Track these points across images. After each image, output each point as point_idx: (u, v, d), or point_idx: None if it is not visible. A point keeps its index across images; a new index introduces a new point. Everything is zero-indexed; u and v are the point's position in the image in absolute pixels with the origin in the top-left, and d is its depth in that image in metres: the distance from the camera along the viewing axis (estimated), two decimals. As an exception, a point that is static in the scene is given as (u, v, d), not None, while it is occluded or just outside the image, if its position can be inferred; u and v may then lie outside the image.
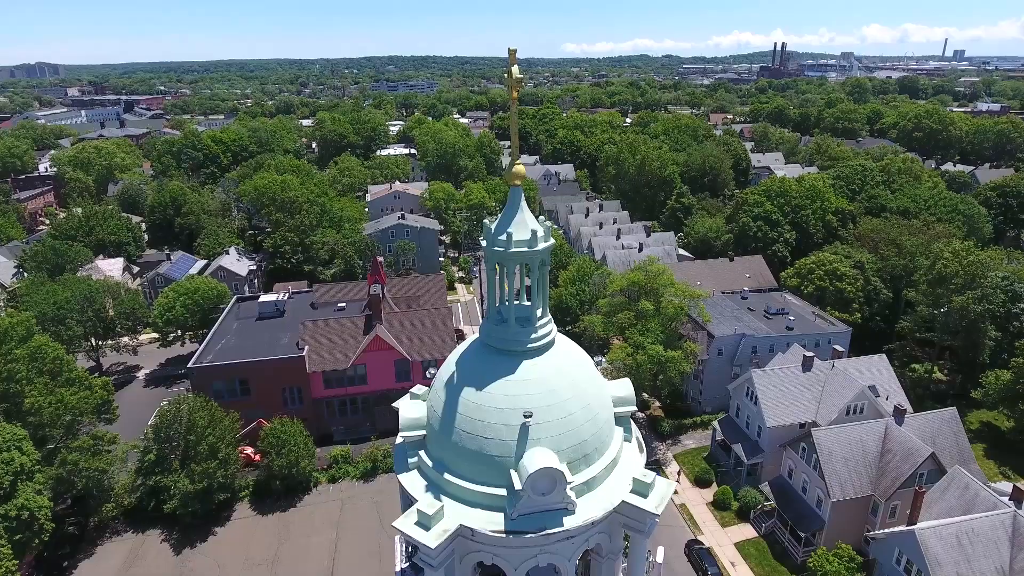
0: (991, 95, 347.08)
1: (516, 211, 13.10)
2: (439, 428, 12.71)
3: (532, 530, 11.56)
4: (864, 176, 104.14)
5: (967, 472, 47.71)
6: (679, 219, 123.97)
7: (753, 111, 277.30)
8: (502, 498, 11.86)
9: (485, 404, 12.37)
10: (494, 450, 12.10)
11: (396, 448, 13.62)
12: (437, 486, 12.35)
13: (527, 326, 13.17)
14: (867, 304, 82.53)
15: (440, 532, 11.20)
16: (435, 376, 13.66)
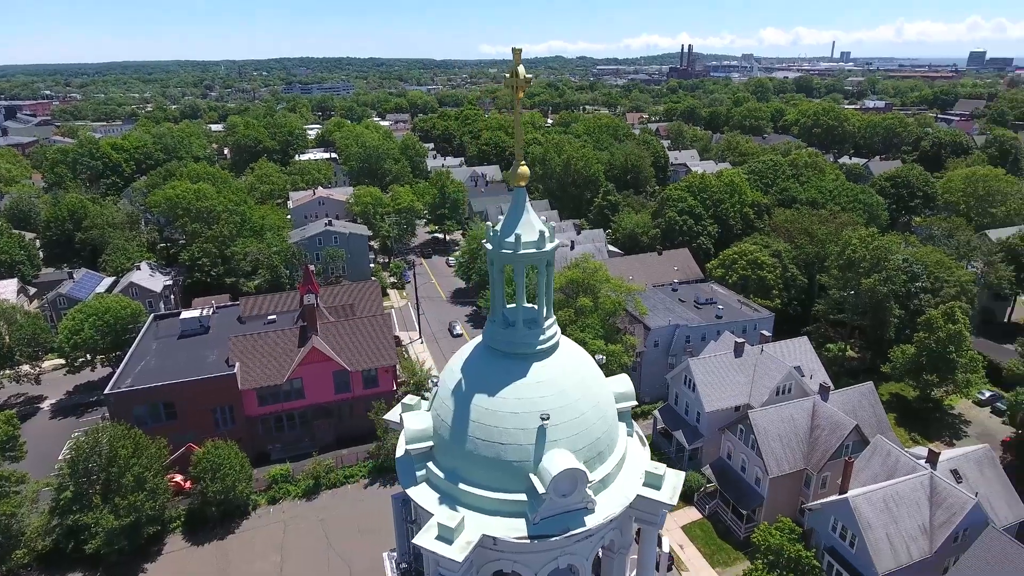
0: (876, 93, 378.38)
1: (522, 212, 12.93)
2: (450, 438, 12.30)
3: (556, 533, 11.43)
4: (775, 170, 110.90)
5: (887, 440, 51.69)
6: (606, 216, 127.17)
7: (667, 110, 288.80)
8: (522, 503, 11.64)
9: (499, 409, 12.11)
10: (512, 455, 11.87)
11: (399, 462, 13.06)
12: (452, 497, 11.95)
13: (535, 328, 13.04)
14: (785, 290, 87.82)
15: (464, 544, 10.84)
16: (437, 385, 13.20)
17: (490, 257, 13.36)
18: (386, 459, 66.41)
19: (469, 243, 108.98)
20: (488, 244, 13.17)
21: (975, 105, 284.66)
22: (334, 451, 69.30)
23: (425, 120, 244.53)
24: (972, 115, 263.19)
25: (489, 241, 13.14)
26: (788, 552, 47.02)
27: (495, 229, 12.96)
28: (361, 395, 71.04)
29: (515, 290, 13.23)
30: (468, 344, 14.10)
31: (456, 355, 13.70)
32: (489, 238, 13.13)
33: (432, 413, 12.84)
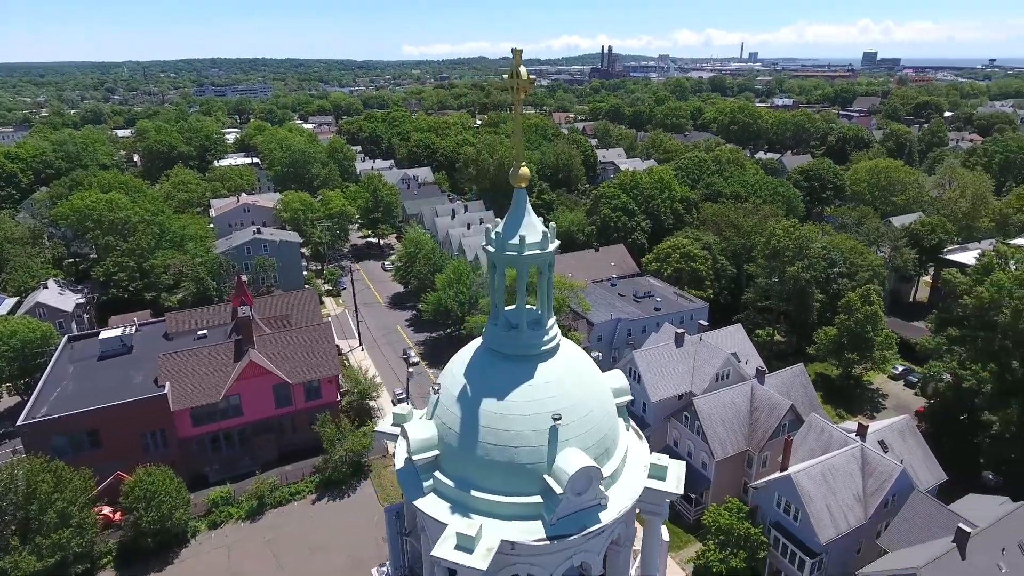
0: (783, 92, 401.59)
1: (524, 213, 12.77)
2: (459, 445, 12.02)
3: (574, 532, 11.41)
4: (701, 167, 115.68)
5: (820, 417, 54.96)
6: (542, 215, 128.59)
7: (592, 110, 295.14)
8: (536, 505, 11.55)
9: (510, 413, 11.94)
10: (525, 458, 11.73)
11: (401, 474, 12.64)
12: (464, 505, 11.68)
13: (539, 329, 12.97)
14: (716, 280, 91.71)
15: (485, 552, 10.62)
16: (439, 392, 12.83)
17: (492, 260, 13.16)
18: (333, 472, 64.50)
19: (406, 247, 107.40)
20: (490, 247, 12.97)
21: (871, 102, 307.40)
22: (278, 468, 66.62)
23: (351, 122, 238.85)
24: (869, 111, 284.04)
25: (491, 244, 12.95)
26: (737, 530, 49.14)
27: (497, 231, 12.80)
28: (304, 408, 68.61)
29: (518, 292, 13.11)
30: (466, 349, 13.86)
31: (455, 361, 13.42)
32: (490, 241, 12.94)
33: (436, 421, 12.51)
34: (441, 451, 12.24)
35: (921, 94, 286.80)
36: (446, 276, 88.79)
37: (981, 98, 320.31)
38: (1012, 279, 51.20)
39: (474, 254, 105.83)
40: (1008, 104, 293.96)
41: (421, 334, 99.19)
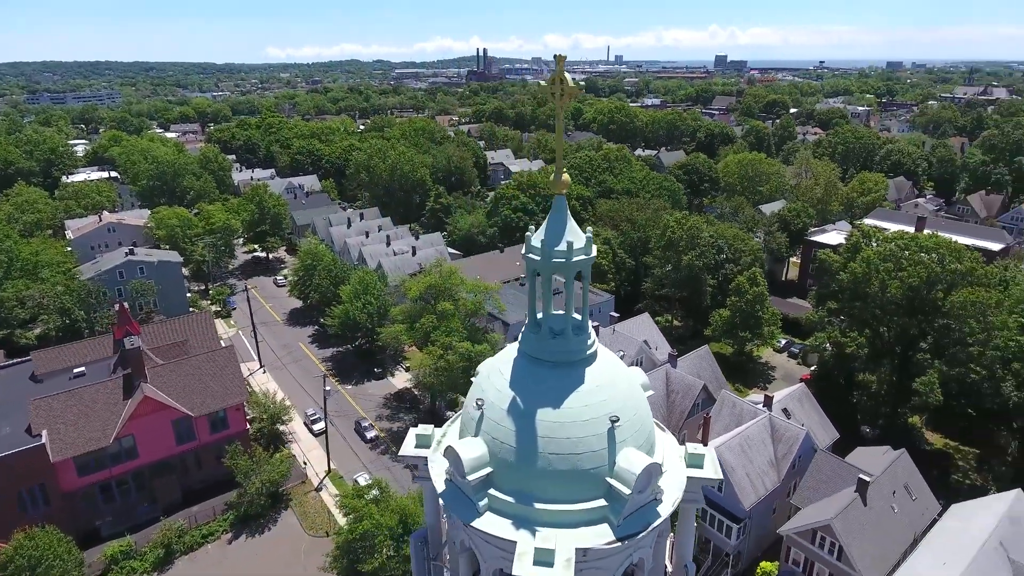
0: (651, 92, 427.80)
1: (566, 219, 12.61)
2: (517, 459, 11.60)
3: (640, 530, 11.46)
4: (592, 165, 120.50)
5: (730, 393, 59.31)
6: (440, 219, 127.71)
7: (475, 112, 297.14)
8: (600, 509, 11.48)
9: (569, 420, 11.75)
10: (588, 463, 11.59)
11: (447, 496, 12.00)
12: (527, 519, 11.30)
13: (582, 334, 12.90)
14: (617, 273, 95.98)
15: (565, 563, 10.37)
16: (482, 407, 12.31)
17: (536, 267, 12.91)
18: (250, 506, 60.01)
19: (302, 259, 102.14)
20: (533, 255, 12.72)
21: (728, 101, 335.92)
22: (184, 510, 60.94)
23: (222, 130, 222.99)
24: (728, 109, 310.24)
25: (533, 252, 12.71)
26: (668, 508, 51.77)
27: (541, 238, 12.59)
28: (210, 441, 63.30)
29: (566, 299, 12.96)
30: (498, 362, 13.50)
31: (494, 377, 13.01)
32: (533, 249, 12.69)
33: (484, 438, 12.04)
34: (495, 467, 11.87)
35: (769, 93, 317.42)
36: (351, 288, 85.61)
37: (817, 96, 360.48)
38: (877, 255, 58.44)
39: (376, 263, 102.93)
40: (839, 100, 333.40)
41: (326, 349, 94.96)
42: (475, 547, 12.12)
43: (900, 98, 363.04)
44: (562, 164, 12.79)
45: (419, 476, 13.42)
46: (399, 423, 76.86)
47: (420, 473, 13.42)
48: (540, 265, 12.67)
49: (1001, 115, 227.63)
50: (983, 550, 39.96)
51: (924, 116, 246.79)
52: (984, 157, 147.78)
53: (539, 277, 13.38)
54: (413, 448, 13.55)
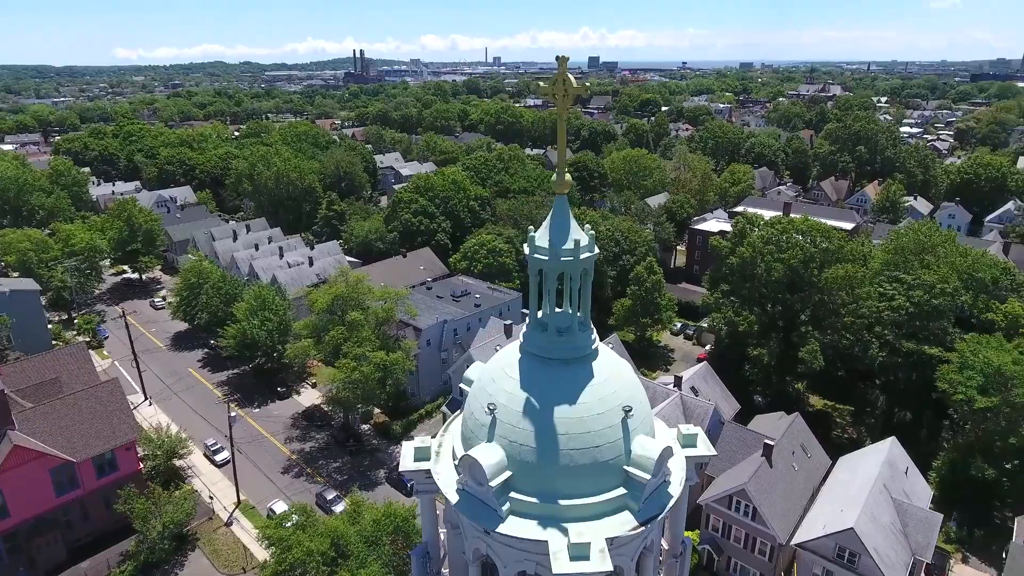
0: (532, 93, 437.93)
1: (569, 219, 12.63)
2: (538, 459, 11.52)
3: (657, 512, 11.82)
4: (488, 165, 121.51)
5: (642, 376, 62.39)
6: (335, 226, 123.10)
7: (359, 115, 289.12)
8: (619, 497, 11.71)
9: (586, 414, 11.84)
10: (607, 455, 11.77)
11: (464, 507, 11.66)
12: (553, 517, 11.28)
13: (586, 331, 13.04)
14: (521, 271, 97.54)
15: (600, 554, 10.48)
16: (494, 411, 12.02)
17: (543, 267, 12.89)
18: (151, 553, 54.62)
19: (185, 278, 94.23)
20: (540, 255, 12.68)
21: (606, 100, 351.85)
22: (71, 568, 54.43)
23: (71, 140, 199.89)
24: (606, 108, 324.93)
25: (540, 252, 12.66)
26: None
27: (548, 239, 12.57)
28: (97, 487, 56.96)
29: (571, 297, 13.03)
30: (500, 365, 13.33)
31: (501, 380, 12.80)
32: (540, 249, 12.65)
33: (500, 443, 11.84)
34: (514, 470, 11.76)
35: (642, 93, 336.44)
36: (247, 304, 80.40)
37: (683, 94, 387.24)
38: (760, 239, 64.14)
39: (270, 276, 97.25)
40: (703, 99, 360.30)
41: (221, 373, 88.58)
42: (494, 554, 12.01)
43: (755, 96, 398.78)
44: (564, 166, 12.97)
45: (420, 490, 13.04)
46: (312, 443, 73.39)
47: (420, 487, 13.04)
48: (548, 265, 12.78)
49: (839, 109, 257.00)
50: (871, 493, 45.17)
51: (776, 112, 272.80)
52: (831, 147, 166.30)
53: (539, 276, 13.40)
54: (412, 463, 13.15)
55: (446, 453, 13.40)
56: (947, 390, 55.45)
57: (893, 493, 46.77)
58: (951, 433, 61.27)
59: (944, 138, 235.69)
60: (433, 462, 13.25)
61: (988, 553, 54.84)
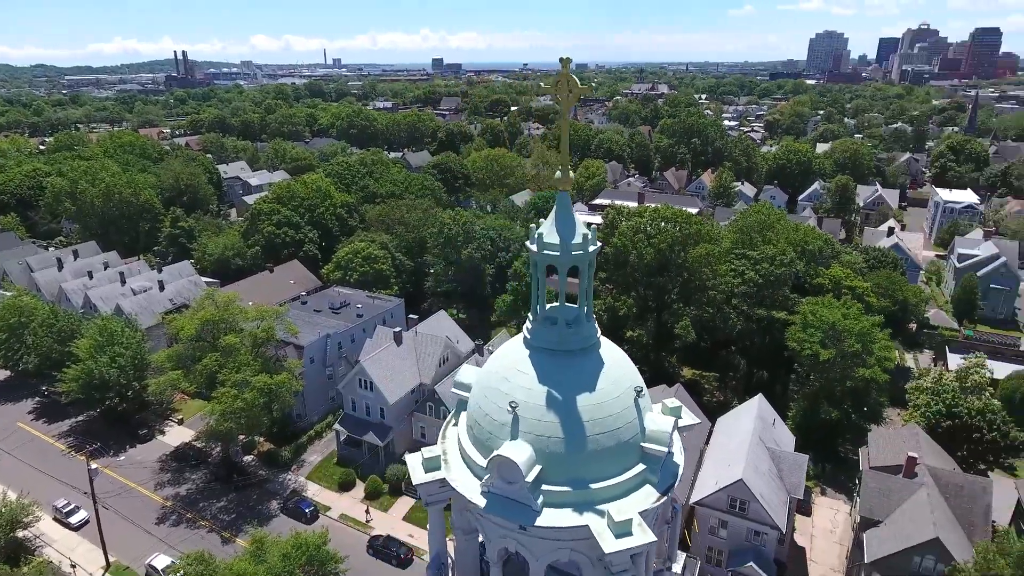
0: (379, 95, 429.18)
1: (573, 214, 12.78)
2: (567, 449, 11.68)
3: (672, 481, 12.49)
4: (351, 171, 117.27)
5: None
6: (183, 245, 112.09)
7: (191, 122, 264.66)
8: (641, 472, 12.22)
9: (605, 399, 12.18)
10: (627, 435, 12.20)
11: (495, 508, 11.46)
12: (585, 503, 11.54)
13: (591, 320, 13.40)
14: (399, 276, 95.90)
15: (641, 528, 10.89)
16: (515, 409, 11.86)
17: (553, 262, 13.07)
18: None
19: (2, 318, 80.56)
20: (551, 251, 12.86)
21: (455, 101, 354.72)
22: None
23: None
24: (457, 109, 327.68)
25: (550, 248, 12.82)
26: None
27: (557, 234, 12.70)
28: (-81, 577, 47.28)
29: (582, 289, 13.36)
30: (509, 363, 13.27)
31: (516, 378, 12.75)
32: (550, 245, 12.78)
33: (526, 438, 11.79)
34: (543, 463, 11.86)
35: (491, 93, 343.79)
36: (91, 340, 70.81)
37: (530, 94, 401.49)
38: (630, 228, 69.02)
39: (112, 306, 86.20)
40: (549, 98, 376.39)
41: (62, 422, 77.39)
42: (526, 550, 12.13)
43: (596, 95, 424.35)
44: (567, 162, 13.27)
45: (430, 501, 12.76)
46: (188, 485, 66.59)
47: (430, 498, 12.76)
48: (560, 260, 13.10)
49: (670, 106, 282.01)
50: (750, 447, 50.73)
51: (617, 109, 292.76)
52: (669, 141, 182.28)
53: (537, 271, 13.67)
54: (425, 474, 12.84)
55: (454, 460, 13.25)
56: (795, 348, 63.67)
57: (767, 443, 52.90)
58: (799, 385, 70.35)
59: (756, 129, 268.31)
60: (445, 471, 13.05)
61: (839, 483, 64.06)
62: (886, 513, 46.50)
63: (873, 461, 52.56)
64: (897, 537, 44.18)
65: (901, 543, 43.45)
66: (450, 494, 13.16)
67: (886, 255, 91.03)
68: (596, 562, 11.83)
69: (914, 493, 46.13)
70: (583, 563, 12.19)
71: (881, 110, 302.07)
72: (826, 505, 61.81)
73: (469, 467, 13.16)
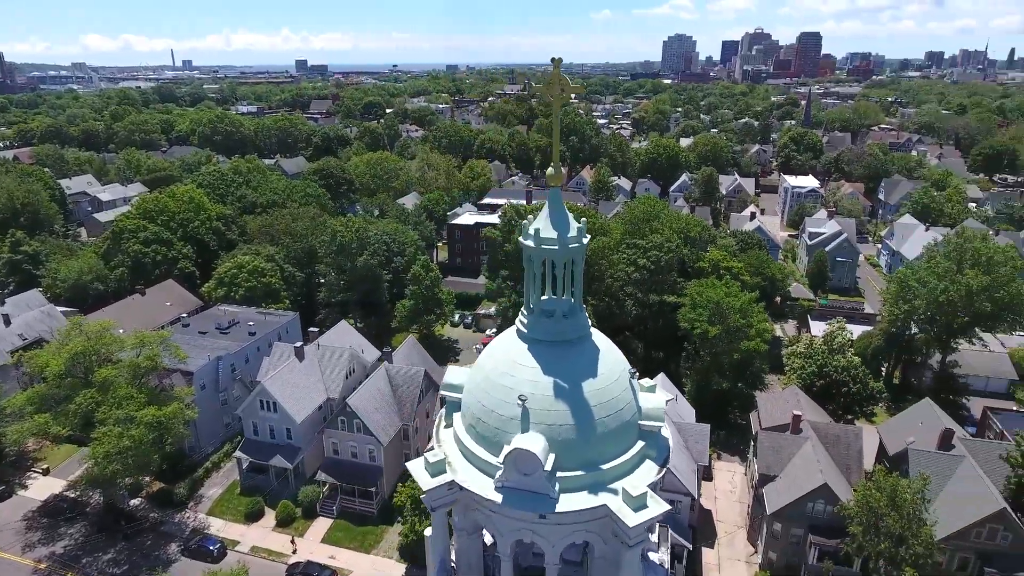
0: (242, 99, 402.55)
1: (565, 209, 12.85)
2: (578, 435, 11.97)
3: (668, 453, 13.11)
4: (225, 180, 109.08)
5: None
6: (28, 272, 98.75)
7: (18, 132, 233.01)
8: (641, 449, 12.72)
9: (607, 384, 12.53)
10: (627, 415, 12.67)
11: (513, 502, 11.41)
12: (597, 484, 11.95)
13: (583, 310, 13.67)
14: (290, 289, 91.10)
15: (654, 499, 11.37)
16: (525, 402, 11.82)
17: (550, 256, 13.24)
18: None
19: None
20: (549, 246, 12.99)
21: (327, 104, 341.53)
22: None
23: None
24: (329, 112, 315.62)
25: (548, 243, 12.94)
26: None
27: (553, 229, 12.78)
28: None
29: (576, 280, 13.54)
30: (510, 358, 13.20)
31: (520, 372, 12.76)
32: (547, 240, 12.93)
33: (538, 429, 11.89)
34: (557, 451, 12.07)
35: (364, 95, 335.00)
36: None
37: (403, 96, 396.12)
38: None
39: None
40: (423, 100, 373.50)
41: None
42: (542, 538, 12.36)
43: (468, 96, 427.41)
44: (558, 159, 13.51)
45: (436, 506, 12.60)
46: (65, 541, 59.15)
47: (436, 503, 12.60)
48: (557, 254, 13.32)
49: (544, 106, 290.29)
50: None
51: (493, 110, 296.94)
52: (548, 140, 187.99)
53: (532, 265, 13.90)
54: (432, 479, 12.65)
55: (458, 461, 13.19)
56: (687, 327, 68.66)
57: (673, 418, 56.60)
58: (691, 361, 75.91)
59: (625, 127, 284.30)
60: (451, 472, 12.93)
61: (732, 447, 69.99)
62: (780, 468, 51.62)
63: (764, 423, 58.05)
64: (792, 488, 49.25)
65: (796, 493, 48.49)
66: (456, 496, 13.07)
67: (752, 237, 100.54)
68: (610, 538, 12.39)
69: (801, 447, 51.60)
70: (595, 542, 12.70)
71: (730, 106, 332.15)
72: (724, 469, 67.31)
73: (476, 466, 13.17)
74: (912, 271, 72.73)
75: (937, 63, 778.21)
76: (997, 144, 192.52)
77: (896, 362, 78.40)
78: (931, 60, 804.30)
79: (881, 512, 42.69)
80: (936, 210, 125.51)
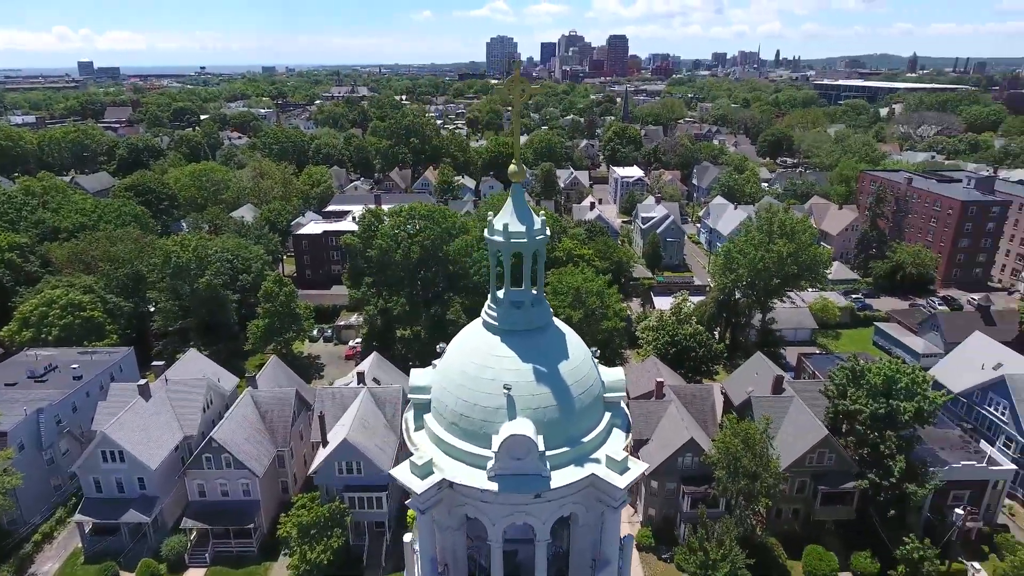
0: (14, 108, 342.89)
1: (526, 204, 12.97)
2: (561, 414, 12.87)
3: (630, 421, 14.09)
4: (15, 204, 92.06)
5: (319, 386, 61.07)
6: None
7: None
8: (610, 420, 13.60)
9: (577, 364, 13.31)
10: (596, 390, 13.50)
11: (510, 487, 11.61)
12: (583, 455, 13.01)
13: (544, 299, 14.12)
14: (115, 321, 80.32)
15: (634, 461, 12.21)
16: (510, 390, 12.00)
17: (519, 250, 13.59)
18: None
19: None
20: (518, 239, 13.44)
21: (126, 111, 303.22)
22: None
23: None
24: (130, 120, 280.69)
25: (516, 236, 13.37)
26: (320, 515, 51.13)
27: (520, 223, 13.13)
28: None
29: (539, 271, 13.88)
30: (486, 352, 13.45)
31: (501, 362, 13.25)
32: (516, 234, 13.43)
33: (525, 414, 12.40)
34: (544, 433, 12.67)
35: (173, 100, 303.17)
36: None
37: (219, 101, 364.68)
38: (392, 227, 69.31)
39: None
40: (242, 104, 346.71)
41: None
42: (534, 518, 12.91)
43: (292, 99, 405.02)
44: (519, 156, 13.85)
45: (424, 508, 12.52)
46: None
47: (424, 505, 12.54)
48: (527, 247, 13.76)
49: (376, 108, 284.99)
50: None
51: (322, 113, 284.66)
52: (388, 142, 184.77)
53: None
54: (423, 481, 12.63)
55: (442, 460, 13.35)
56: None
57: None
58: (558, 347, 79.97)
59: (460, 127, 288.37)
60: (439, 472, 13.00)
61: (604, 421, 74.90)
62: (651, 431, 56.62)
63: (632, 393, 63.09)
64: (664, 447, 54.33)
65: (668, 451, 53.59)
66: (443, 496, 13.05)
67: (595, 226, 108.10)
68: (594, 505, 13.37)
69: (667, 409, 57.05)
70: (579, 512, 13.61)
71: (555, 105, 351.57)
72: (599, 442, 72.00)
73: (464, 461, 13.30)
74: (734, 244, 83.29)
75: (722, 63, 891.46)
76: (777, 131, 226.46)
77: (726, 325, 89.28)
78: (717, 60, 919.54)
79: (738, 454, 48.77)
80: (739, 190, 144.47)
